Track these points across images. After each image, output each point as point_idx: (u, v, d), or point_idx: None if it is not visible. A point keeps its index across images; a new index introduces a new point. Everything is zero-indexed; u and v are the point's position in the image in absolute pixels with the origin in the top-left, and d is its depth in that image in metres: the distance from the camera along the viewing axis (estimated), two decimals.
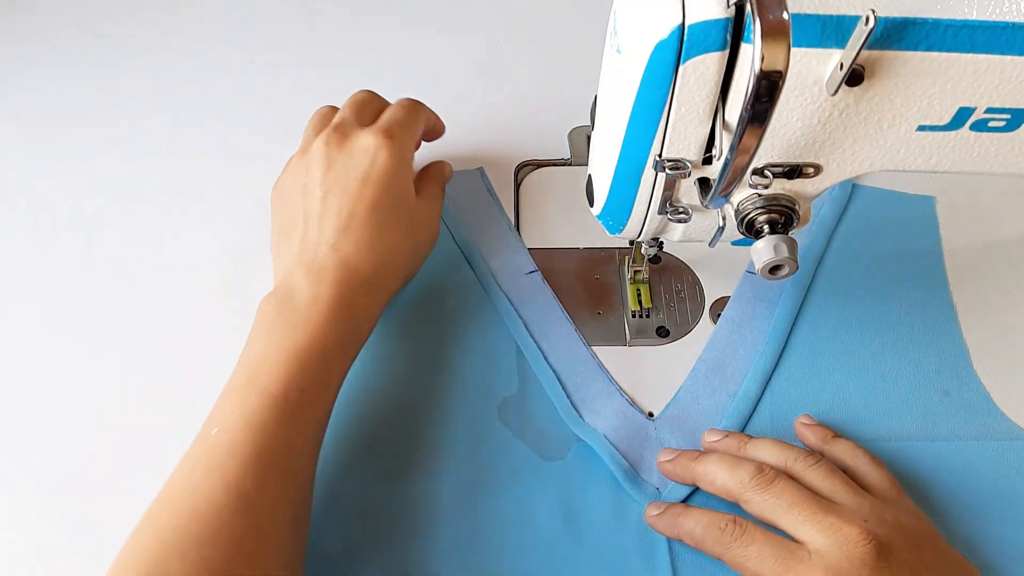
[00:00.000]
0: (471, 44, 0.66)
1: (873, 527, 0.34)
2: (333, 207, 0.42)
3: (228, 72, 0.64)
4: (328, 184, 0.43)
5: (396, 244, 0.43)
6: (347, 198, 0.42)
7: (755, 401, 0.44)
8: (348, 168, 0.43)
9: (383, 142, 0.44)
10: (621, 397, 0.45)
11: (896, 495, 0.38)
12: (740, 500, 0.37)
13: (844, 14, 0.29)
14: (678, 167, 0.35)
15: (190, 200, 0.56)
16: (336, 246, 0.41)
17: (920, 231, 0.52)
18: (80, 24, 0.67)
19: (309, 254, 0.41)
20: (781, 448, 0.39)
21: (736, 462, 0.38)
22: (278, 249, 0.44)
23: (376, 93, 0.49)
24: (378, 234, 0.42)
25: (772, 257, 0.35)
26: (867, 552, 0.33)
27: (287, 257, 0.43)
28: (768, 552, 0.35)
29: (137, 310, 0.50)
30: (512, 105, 0.61)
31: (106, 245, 0.53)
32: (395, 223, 0.44)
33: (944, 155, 0.34)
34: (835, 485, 0.37)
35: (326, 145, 0.44)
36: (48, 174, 0.57)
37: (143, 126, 0.60)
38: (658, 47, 0.31)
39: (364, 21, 0.68)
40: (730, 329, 0.48)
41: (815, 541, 0.34)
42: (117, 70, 0.64)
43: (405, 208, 0.45)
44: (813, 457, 0.39)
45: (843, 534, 0.34)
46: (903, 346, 0.47)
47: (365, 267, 0.41)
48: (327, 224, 0.42)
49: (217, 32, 0.67)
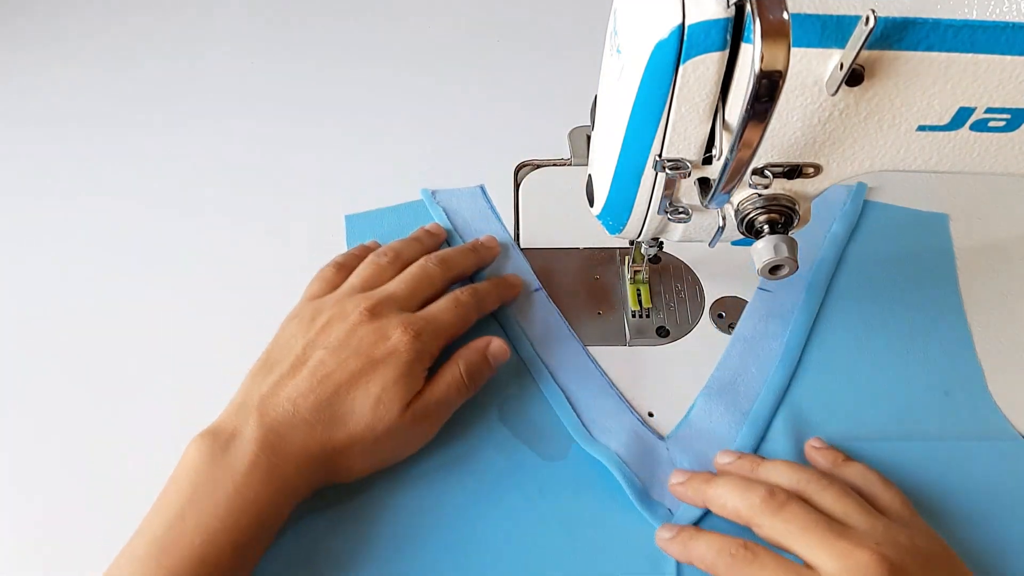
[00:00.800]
0: (471, 44, 0.66)
1: (886, 551, 0.34)
2: (323, 369, 0.39)
3: (229, 70, 0.64)
4: (334, 346, 0.40)
5: (359, 434, 0.39)
6: (335, 363, 0.39)
7: (768, 420, 0.44)
8: (362, 343, 0.40)
9: (408, 340, 0.40)
10: (632, 416, 0.44)
11: (910, 516, 0.38)
12: (751, 524, 0.37)
13: (844, 14, 0.29)
14: (678, 167, 0.35)
15: (196, 200, 0.56)
16: (297, 402, 0.38)
17: (933, 248, 0.52)
18: (80, 24, 0.67)
19: (270, 400, 0.38)
20: (794, 470, 0.39)
21: (748, 485, 0.38)
22: (251, 378, 0.41)
23: (445, 267, 0.46)
24: (342, 419, 0.38)
25: (772, 257, 0.35)
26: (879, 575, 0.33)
27: (252, 392, 0.39)
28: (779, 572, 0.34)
29: (138, 309, 0.50)
30: (512, 105, 0.61)
31: (99, 247, 0.53)
32: (368, 415, 0.39)
33: (944, 155, 0.34)
34: (848, 507, 0.36)
35: (359, 314, 0.41)
36: (48, 175, 0.58)
37: (148, 126, 0.60)
38: (658, 47, 0.31)
39: (365, 21, 0.68)
40: (743, 347, 0.47)
41: (827, 566, 0.34)
42: (127, 73, 0.64)
43: (393, 404, 0.39)
44: (826, 479, 0.38)
45: (855, 559, 0.33)
46: (917, 361, 0.46)
47: (313, 442, 0.38)
48: (304, 381, 0.39)
49: (218, 31, 0.67)
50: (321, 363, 0.39)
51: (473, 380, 0.42)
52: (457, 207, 0.54)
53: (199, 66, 0.65)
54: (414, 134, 0.60)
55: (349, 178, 0.57)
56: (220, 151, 0.59)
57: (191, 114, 0.61)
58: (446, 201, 0.54)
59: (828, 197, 0.53)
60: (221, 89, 0.63)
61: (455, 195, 0.54)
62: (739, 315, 0.49)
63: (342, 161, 0.58)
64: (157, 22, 0.68)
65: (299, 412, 0.38)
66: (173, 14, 0.69)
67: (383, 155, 0.58)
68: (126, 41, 0.67)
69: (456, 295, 0.44)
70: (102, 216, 0.55)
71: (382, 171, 0.57)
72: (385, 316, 0.41)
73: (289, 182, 0.57)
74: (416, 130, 0.60)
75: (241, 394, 0.40)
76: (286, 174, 0.57)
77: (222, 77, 0.64)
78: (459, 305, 0.44)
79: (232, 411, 0.39)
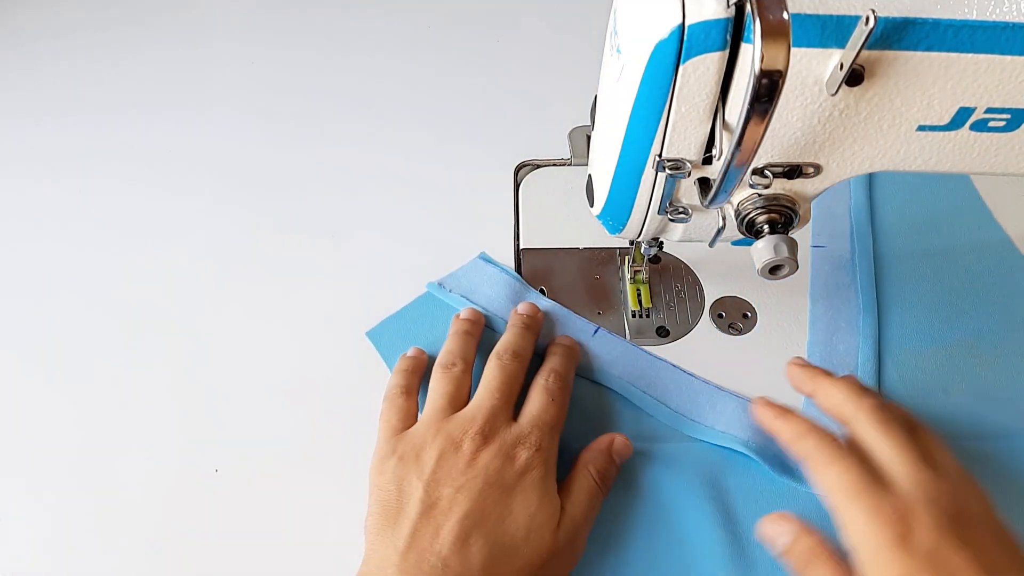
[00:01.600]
0: (471, 44, 0.66)
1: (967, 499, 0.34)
2: (460, 508, 0.36)
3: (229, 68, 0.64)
4: (462, 481, 0.37)
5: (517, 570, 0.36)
6: (477, 504, 0.36)
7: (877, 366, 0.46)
8: (489, 470, 0.38)
9: (535, 454, 0.38)
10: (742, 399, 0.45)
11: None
12: (849, 420, 0.38)
13: (844, 14, 0.29)
14: (678, 167, 0.35)
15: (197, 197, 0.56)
16: (448, 563, 0.35)
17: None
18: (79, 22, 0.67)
19: (413, 558, 0.35)
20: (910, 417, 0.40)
21: (863, 390, 0.39)
22: (378, 534, 0.37)
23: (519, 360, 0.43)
24: (498, 563, 0.35)
25: (772, 257, 0.35)
26: (952, 506, 0.33)
27: (388, 549, 0.36)
28: (853, 473, 0.35)
29: (139, 310, 0.50)
30: (512, 105, 0.61)
31: (115, 247, 0.53)
32: (523, 548, 0.36)
33: (944, 155, 0.34)
34: (948, 460, 0.37)
35: (471, 440, 0.38)
36: (49, 176, 0.58)
37: (153, 125, 0.60)
38: (658, 47, 0.31)
39: (365, 22, 0.68)
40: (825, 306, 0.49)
41: (904, 480, 0.34)
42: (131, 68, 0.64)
43: (544, 531, 0.37)
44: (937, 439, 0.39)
45: (935, 486, 0.34)
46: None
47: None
48: (446, 528, 0.36)
49: (219, 29, 0.67)
50: (455, 504, 0.36)
51: (606, 484, 0.41)
52: (472, 286, 0.50)
53: (199, 60, 0.65)
54: (414, 134, 0.60)
55: (349, 178, 0.57)
56: (219, 150, 0.59)
57: (189, 110, 0.61)
58: (458, 285, 0.50)
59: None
60: (216, 84, 0.63)
61: (463, 276, 0.50)
62: (740, 315, 0.49)
63: (341, 161, 0.58)
64: (159, 21, 0.68)
65: (450, 568, 0.35)
66: (174, 12, 0.69)
67: (383, 155, 0.58)
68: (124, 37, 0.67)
69: (546, 388, 0.42)
70: (122, 211, 0.55)
71: (382, 171, 0.57)
72: (499, 435, 0.39)
73: (288, 182, 0.57)
74: (416, 130, 0.60)
75: (376, 552, 0.36)
76: (285, 174, 0.57)
77: (219, 72, 0.64)
78: (555, 398, 0.42)
79: (370, 574, 0.36)
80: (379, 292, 0.50)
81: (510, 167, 0.56)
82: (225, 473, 0.43)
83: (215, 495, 0.42)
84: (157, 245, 0.53)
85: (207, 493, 0.42)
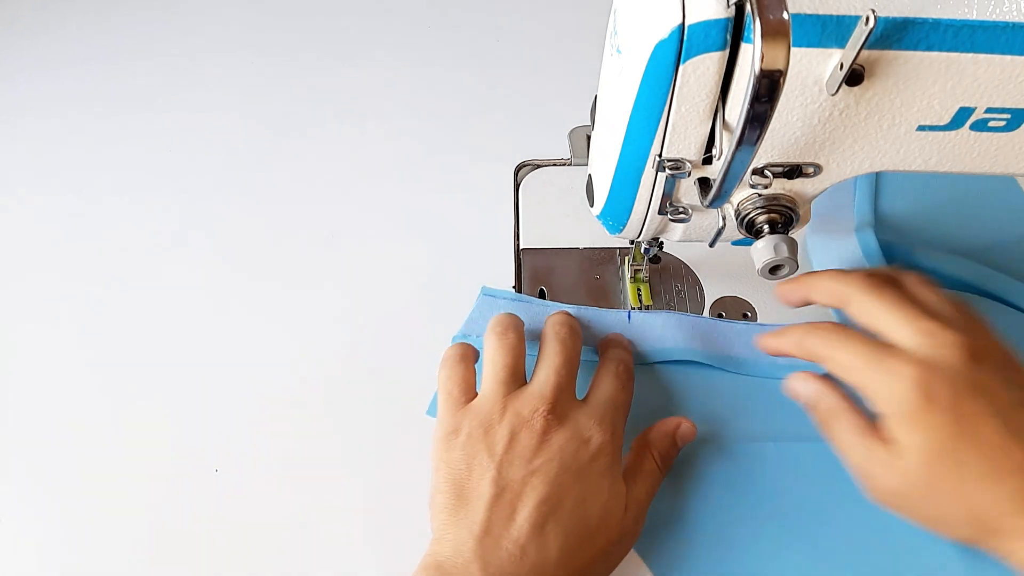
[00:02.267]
0: (471, 44, 0.66)
1: (972, 340, 0.35)
2: (536, 493, 0.36)
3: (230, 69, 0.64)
4: (537, 464, 0.37)
5: (591, 559, 0.36)
6: (553, 489, 0.36)
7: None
8: (564, 454, 0.37)
9: (607, 436, 0.38)
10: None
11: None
12: (846, 303, 0.38)
13: (844, 14, 0.29)
14: (678, 167, 0.35)
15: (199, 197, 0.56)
16: (525, 550, 0.34)
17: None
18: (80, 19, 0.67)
19: (491, 543, 0.35)
20: (891, 268, 0.40)
21: (847, 271, 0.39)
22: (452, 513, 0.36)
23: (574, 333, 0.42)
24: (573, 546, 0.35)
25: (772, 257, 0.35)
26: (960, 355, 0.34)
27: (463, 531, 0.35)
28: (861, 346, 0.36)
29: (140, 310, 0.50)
30: (512, 105, 0.61)
31: (114, 247, 0.53)
32: (597, 536, 0.36)
33: (944, 155, 0.34)
34: (943, 303, 0.37)
35: (544, 419, 0.37)
36: (48, 175, 0.58)
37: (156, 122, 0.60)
38: (658, 47, 0.31)
39: (365, 22, 0.68)
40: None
41: (909, 342, 0.35)
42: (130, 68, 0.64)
43: (614, 517, 0.37)
44: (923, 277, 0.39)
45: (939, 338, 0.34)
46: None
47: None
48: (523, 515, 0.35)
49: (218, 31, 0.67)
50: (529, 486, 0.36)
51: (667, 467, 0.41)
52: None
53: (199, 61, 0.65)
54: (414, 134, 0.60)
55: (349, 178, 0.57)
56: (218, 150, 0.59)
57: (189, 110, 0.61)
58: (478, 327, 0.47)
59: None
60: (216, 84, 0.63)
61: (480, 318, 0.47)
62: (740, 315, 0.49)
63: (341, 161, 0.58)
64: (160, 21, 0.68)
65: (528, 555, 0.34)
66: (175, 14, 0.69)
67: (383, 155, 0.58)
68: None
69: (614, 371, 0.42)
70: (117, 214, 0.55)
71: (382, 171, 0.57)
72: (571, 415, 0.39)
73: (288, 183, 0.57)
74: (416, 130, 0.60)
75: (450, 531, 0.36)
76: (285, 174, 0.57)
77: (219, 72, 0.64)
78: (622, 381, 0.42)
79: (449, 553, 0.35)
80: (379, 293, 0.50)
81: (510, 167, 0.56)
82: (225, 473, 0.43)
83: (215, 495, 0.42)
84: (157, 245, 0.53)
85: (207, 493, 0.42)
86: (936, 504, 0.34)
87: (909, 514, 0.36)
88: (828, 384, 0.38)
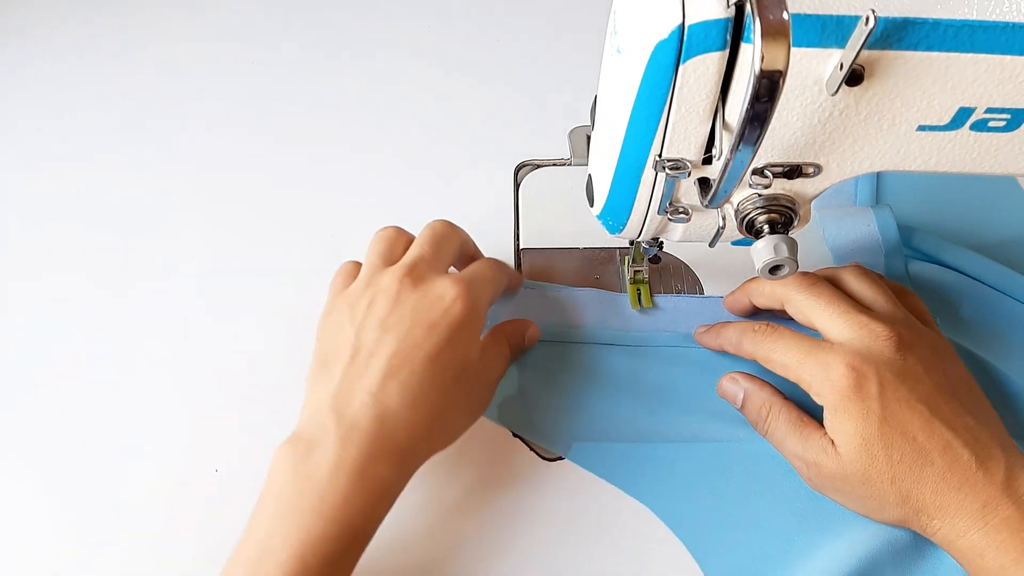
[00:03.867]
0: (471, 44, 0.66)
1: (901, 330, 0.37)
2: (387, 348, 0.37)
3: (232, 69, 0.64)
4: (390, 323, 0.38)
5: (442, 409, 0.38)
6: (406, 343, 0.37)
7: None
8: (416, 311, 0.38)
9: (462, 293, 0.39)
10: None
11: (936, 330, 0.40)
12: (784, 303, 0.40)
13: (844, 14, 0.29)
14: (678, 167, 0.35)
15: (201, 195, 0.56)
16: (377, 395, 0.36)
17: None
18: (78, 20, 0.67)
19: (344, 396, 0.37)
20: (832, 268, 0.42)
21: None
22: (314, 381, 0.39)
23: (452, 227, 0.44)
24: (426, 393, 0.37)
25: (772, 257, 0.35)
26: (889, 345, 0.36)
27: (321, 393, 0.37)
28: (794, 344, 0.38)
29: (142, 309, 0.50)
30: (512, 105, 0.61)
31: (112, 247, 0.53)
32: (450, 385, 0.38)
33: (944, 155, 0.34)
34: (877, 295, 0.39)
35: (399, 282, 0.39)
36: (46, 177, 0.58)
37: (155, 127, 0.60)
38: (658, 47, 0.31)
39: (365, 22, 0.68)
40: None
41: (841, 335, 0.37)
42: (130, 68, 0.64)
43: (466, 372, 0.39)
44: (864, 271, 0.41)
45: (869, 329, 0.37)
46: None
47: (401, 430, 0.36)
48: (375, 365, 0.37)
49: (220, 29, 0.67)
50: (382, 343, 0.37)
51: (514, 356, 0.44)
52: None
53: (199, 61, 0.65)
54: (414, 134, 0.60)
55: (349, 178, 0.57)
56: (218, 150, 0.59)
57: (189, 110, 0.61)
58: None
59: None
60: (216, 84, 0.63)
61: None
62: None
63: (341, 161, 0.58)
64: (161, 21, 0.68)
65: (379, 402, 0.36)
66: (174, 12, 0.69)
67: (383, 155, 0.58)
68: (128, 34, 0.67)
69: (490, 260, 0.45)
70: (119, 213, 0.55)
71: (382, 171, 0.57)
72: (427, 279, 0.40)
73: (288, 183, 0.57)
74: (416, 130, 0.60)
75: (311, 398, 0.38)
76: (285, 174, 0.57)
77: (219, 72, 0.64)
78: (495, 264, 0.45)
79: (307, 417, 0.37)
80: None
81: (510, 167, 0.56)
82: (225, 473, 0.43)
83: (215, 495, 0.42)
84: (157, 245, 0.53)
85: (207, 493, 0.42)
86: (870, 488, 0.36)
87: (847, 501, 0.38)
88: (757, 381, 0.40)
